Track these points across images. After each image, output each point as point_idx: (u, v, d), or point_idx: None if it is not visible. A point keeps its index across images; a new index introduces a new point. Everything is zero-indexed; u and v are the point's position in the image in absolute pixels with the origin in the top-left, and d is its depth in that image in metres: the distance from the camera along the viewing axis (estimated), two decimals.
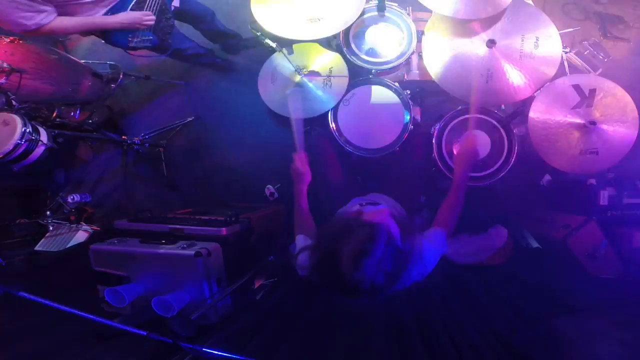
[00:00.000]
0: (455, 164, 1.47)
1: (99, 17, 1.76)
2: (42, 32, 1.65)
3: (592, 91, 1.76)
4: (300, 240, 1.41)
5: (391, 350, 1.35)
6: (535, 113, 1.78)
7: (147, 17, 1.78)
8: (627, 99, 1.76)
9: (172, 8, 1.91)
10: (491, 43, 1.75)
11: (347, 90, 1.91)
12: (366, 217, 1.07)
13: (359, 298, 1.03)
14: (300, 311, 1.66)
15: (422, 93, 2.26)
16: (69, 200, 2.60)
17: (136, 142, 2.52)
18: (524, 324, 1.51)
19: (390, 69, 1.94)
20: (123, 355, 1.37)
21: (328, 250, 1.04)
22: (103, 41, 1.87)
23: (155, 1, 1.79)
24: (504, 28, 1.77)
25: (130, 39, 1.80)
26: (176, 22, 1.96)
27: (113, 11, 1.78)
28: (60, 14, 1.67)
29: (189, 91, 2.79)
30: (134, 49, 1.84)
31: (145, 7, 1.79)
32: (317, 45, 1.98)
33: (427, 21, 1.85)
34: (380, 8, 1.91)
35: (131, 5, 1.79)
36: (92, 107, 2.61)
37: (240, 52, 2.73)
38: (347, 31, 1.92)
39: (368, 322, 1.49)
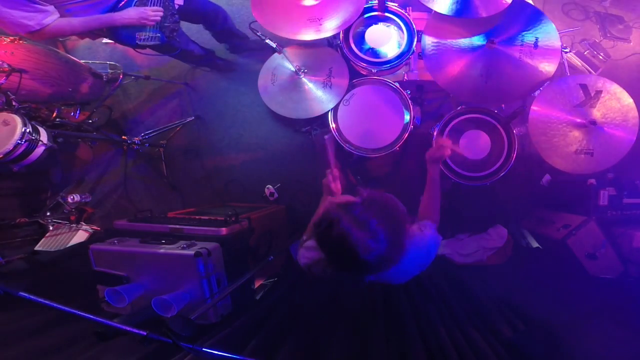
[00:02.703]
0: (427, 164, 1.57)
1: (105, 15, 1.74)
2: (47, 32, 1.64)
3: (598, 92, 1.76)
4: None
5: (391, 350, 1.35)
6: (539, 105, 1.78)
7: (154, 12, 1.75)
8: (631, 104, 1.76)
9: (176, 6, 1.90)
10: (491, 43, 1.75)
11: (347, 90, 1.91)
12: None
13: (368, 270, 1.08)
14: (300, 311, 1.66)
15: (422, 93, 2.26)
16: (69, 200, 2.60)
17: (136, 142, 2.52)
18: (524, 324, 1.51)
19: (390, 68, 1.94)
20: (123, 355, 1.37)
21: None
22: (110, 41, 1.84)
23: None
24: (504, 28, 1.77)
25: (138, 36, 1.79)
26: (181, 23, 1.95)
27: (118, 9, 1.77)
28: (61, 15, 1.65)
29: (189, 91, 2.79)
30: (142, 47, 1.82)
31: (149, 4, 1.77)
32: (318, 44, 1.97)
33: (427, 21, 1.85)
34: (381, 8, 1.91)
35: (135, 2, 1.78)
36: (92, 107, 2.61)
37: (245, 52, 2.72)
38: (347, 31, 1.92)
39: (368, 322, 1.49)
